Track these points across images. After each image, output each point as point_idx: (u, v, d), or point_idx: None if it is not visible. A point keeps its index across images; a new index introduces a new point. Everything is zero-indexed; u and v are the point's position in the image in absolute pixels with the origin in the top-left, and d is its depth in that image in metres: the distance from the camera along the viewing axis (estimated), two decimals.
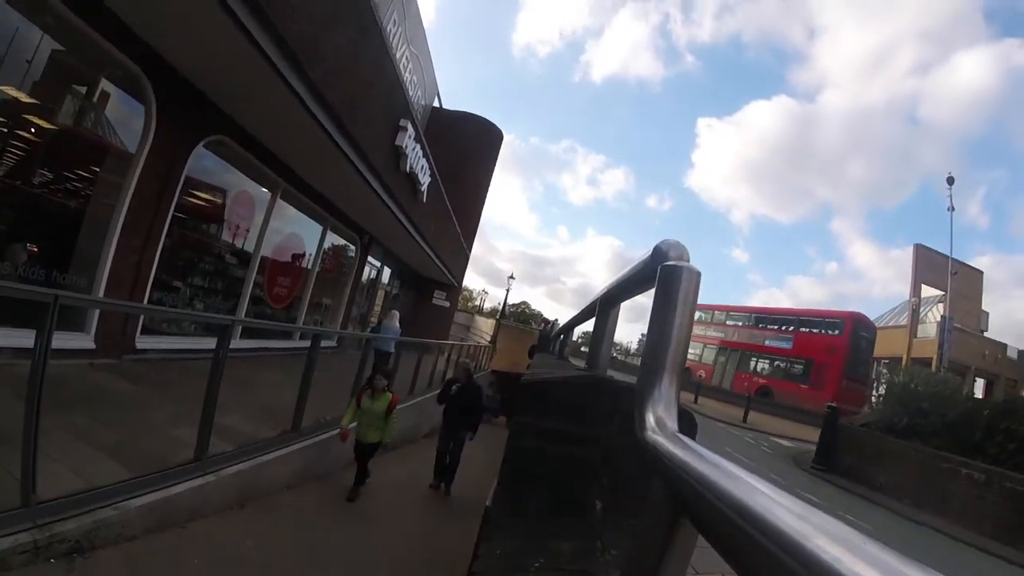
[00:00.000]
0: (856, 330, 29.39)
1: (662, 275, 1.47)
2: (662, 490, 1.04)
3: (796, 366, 31.19)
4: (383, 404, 6.59)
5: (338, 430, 6.58)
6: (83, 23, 5.31)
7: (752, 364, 33.44)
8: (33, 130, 5.62)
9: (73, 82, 5.93)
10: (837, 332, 29.79)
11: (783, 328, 32.45)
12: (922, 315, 31.60)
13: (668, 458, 1.01)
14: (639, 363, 2.19)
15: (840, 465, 15.03)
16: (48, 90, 5.62)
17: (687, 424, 2.05)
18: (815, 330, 31.00)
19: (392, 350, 10.16)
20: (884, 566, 0.45)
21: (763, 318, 33.87)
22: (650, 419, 1.23)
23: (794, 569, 0.52)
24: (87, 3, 5.19)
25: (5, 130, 5.34)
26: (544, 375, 2.97)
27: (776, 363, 32.53)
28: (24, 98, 5.35)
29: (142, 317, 7.35)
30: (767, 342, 32.82)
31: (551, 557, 2.10)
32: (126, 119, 6.40)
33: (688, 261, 1.78)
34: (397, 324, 11.56)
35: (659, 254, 1.94)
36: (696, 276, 1.42)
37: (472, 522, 2.88)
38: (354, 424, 6.62)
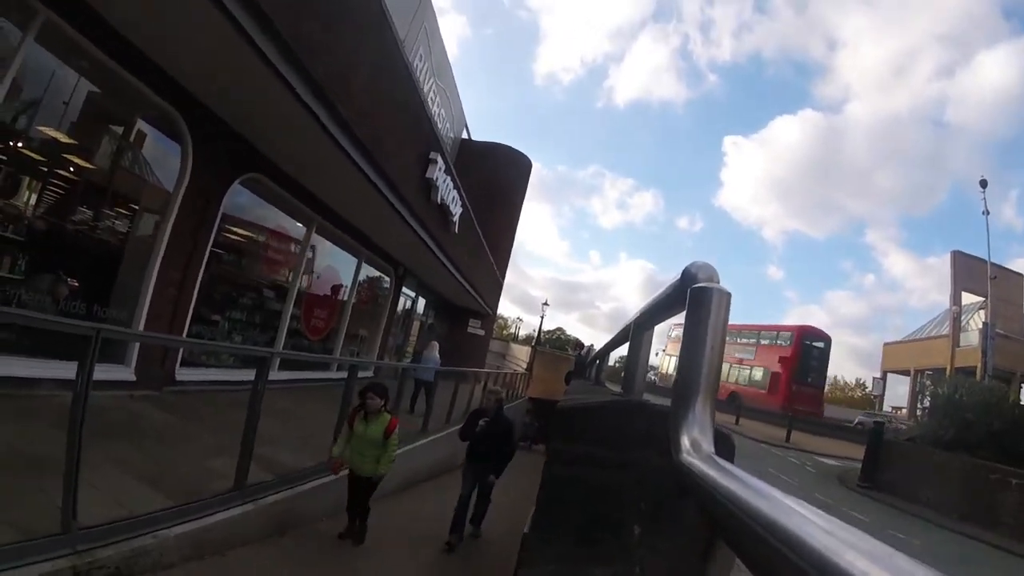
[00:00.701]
0: (804, 340, 33.95)
1: (692, 297, 1.47)
2: (698, 512, 1.06)
3: (756, 374, 35.82)
4: (379, 428, 5.39)
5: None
6: (118, 66, 5.53)
7: (726, 373, 35.51)
8: (72, 169, 5.84)
9: (110, 123, 6.17)
10: (787, 343, 34.31)
11: (749, 341, 36.80)
12: (964, 323, 30.69)
13: (703, 480, 1.01)
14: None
15: (886, 481, 14.58)
16: (86, 130, 5.85)
17: (724, 446, 2.02)
18: (771, 342, 35.70)
19: (432, 379, 10.38)
20: None
21: (735, 333, 36.76)
22: (685, 442, 1.24)
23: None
24: (120, 48, 5.40)
25: (45, 169, 5.56)
26: (580, 401, 2.95)
27: (742, 372, 37.00)
28: (63, 138, 5.57)
29: (181, 350, 7.51)
30: (736, 354, 36.51)
31: None
32: (163, 158, 6.63)
33: (718, 282, 1.77)
34: (437, 354, 11.95)
35: (688, 276, 1.93)
36: (727, 297, 1.41)
37: None
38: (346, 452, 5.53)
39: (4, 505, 3.19)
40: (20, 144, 5.27)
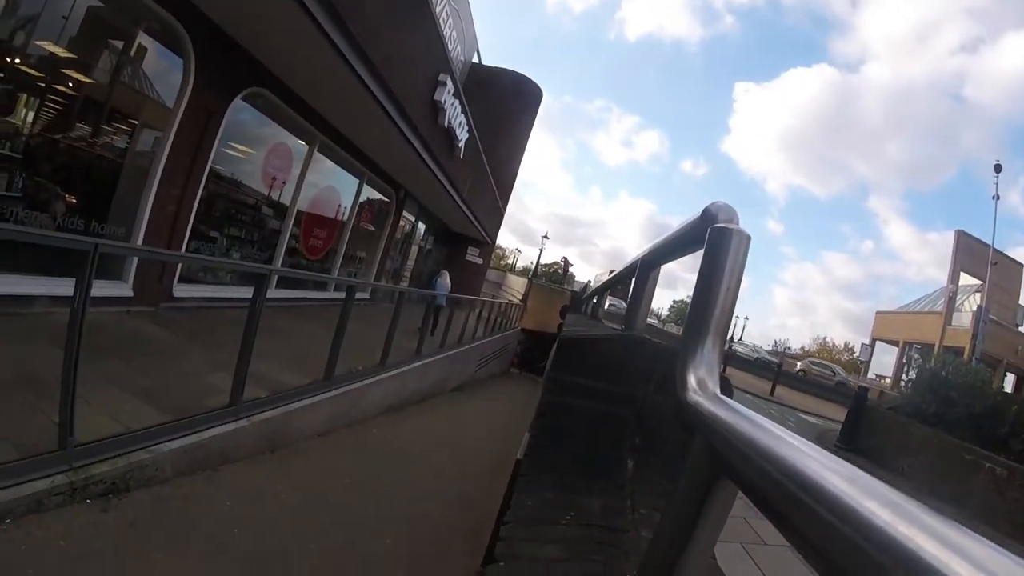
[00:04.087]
0: None
1: (712, 237, 1.46)
2: (703, 450, 1.05)
3: None
4: None
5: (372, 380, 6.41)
6: None
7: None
8: (70, 84, 5.71)
9: (110, 37, 5.98)
10: None
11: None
12: (958, 303, 30.92)
13: (710, 418, 1.03)
14: (667, 329, 2.18)
15: (864, 446, 14.90)
16: (85, 45, 5.68)
17: (725, 388, 2.06)
18: None
19: (444, 304, 11.41)
20: (921, 523, 0.46)
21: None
22: (692, 380, 1.24)
23: (833, 523, 0.54)
24: None
25: (43, 85, 5.44)
26: (583, 332, 2.99)
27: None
28: (61, 53, 5.43)
29: (179, 266, 7.55)
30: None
31: (581, 512, 2.14)
32: (164, 73, 6.47)
33: (738, 224, 1.77)
34: (448, 281, 13.11)
35: (709, 216, 1.93)
36: (746, 240, 1.42)
37: None
38: None
39: (2, 424, 3.29)
40: (18, 60, 5.13)
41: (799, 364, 37.51)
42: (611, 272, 8.33)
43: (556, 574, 1.79)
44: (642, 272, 3.32)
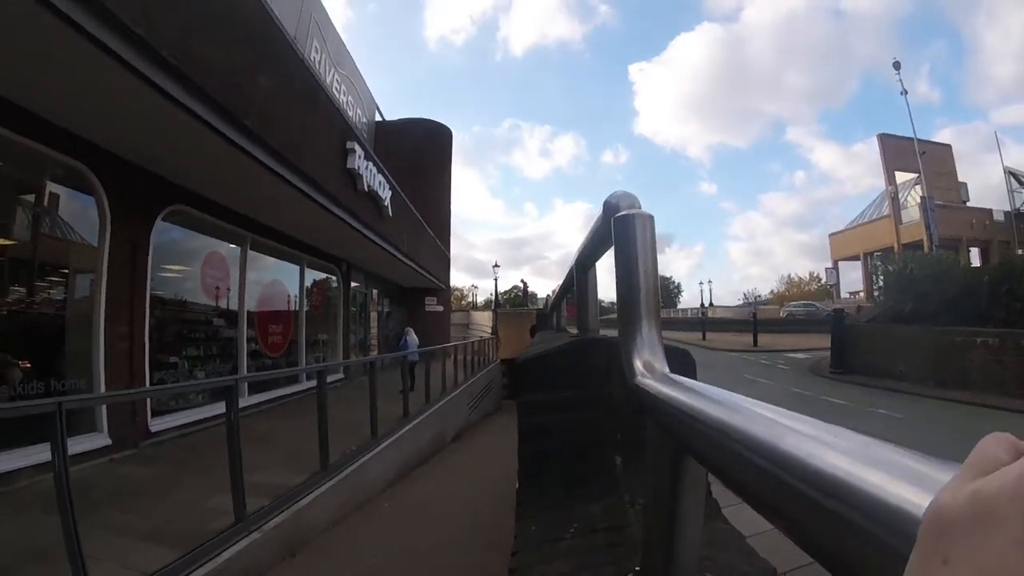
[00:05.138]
0: None
1: (616, 227, 1.50)
2: (660, 431, 1.06)
3: None
4: None
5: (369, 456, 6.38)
6: (11, 133, 5.30)
7: None
8: None
9: (19, 192, 5.95)
10: None
11: None
12: (903, 200, 31.92)
13: (660, 399, 1.03)
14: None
15: (857, 364, 15.23)
16: None
17: (681, 362, 2.11)
18: None
19: (419, 359, 11.85)
20: (856, 453, 0.45)
21: None
22: (637, 365, 1.27)
23: (771, 471, 0.55)
24: (8, 113, 5.17)
25: None
26: (537, 350, 3.05)
27: None
28: None
29: (148, 401, 7.36)
30: None
31: (583, 521, 2.17)
32: (80, 213, 6.43)
33: (639, 207, 1.84)
34: (415, 337, 13.57)
35: (610, 208, 2.01)
36: (649, 220, 1.45)
37: None
38: None
39: None
40: None
41: (781, 312, 38.15)
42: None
43: None
44: (580, 276, 3.42)
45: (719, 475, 0.75)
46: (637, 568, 1.60)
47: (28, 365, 5.73)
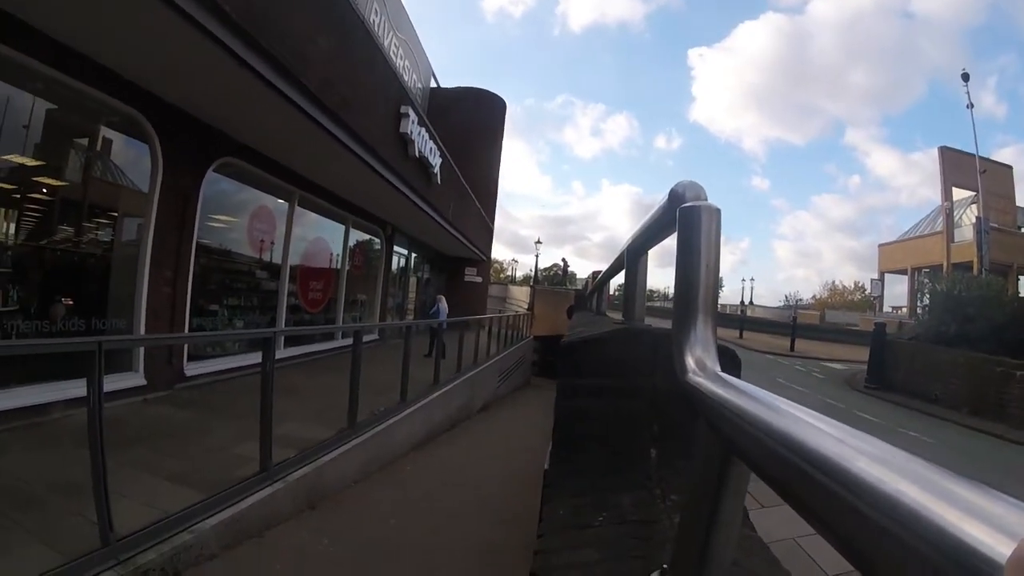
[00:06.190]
0: None
1: (681, 217, 1.44)
2: (708, 430, 1.05)
3: None
4: None
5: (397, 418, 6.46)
6: (71, 79, 5.42)
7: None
8: (45, 190, 5.81)
9: (74, 136, 6.09)
10: None
11: None
12: (957, 219, 30.65)
13: (711, 398, 1.01)
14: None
15: (893, 381, 14.80)
16: (51, 150, 5.79)
17: (729, 362, 2.06)
18: None
19: (445, 327, 11.72)
20: (925, 481, 0.43)
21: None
22: (689, 362, 1.23)
23: (837, 492, 0.52)
24: (70, 60, 5.29)
25: (18, 196, 5.52)
26: (583, 334, 3.01)
27: None
28: (30, 162, 5.53)
29: (186, 345, 7.60)
30: None
31: (613, 510, 2.14)
32: (134, 160, 6.57)
33: (705, 199, 1.77)
34: (445, 305, 13.78)
35: (676, 197, 1.95)
36: (716, 214, 1.39)
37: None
38: None
39: (44, 533, 3.31)
40: None
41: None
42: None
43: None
44: (630, 262, 3.34)
45: (764, 477, 0.74)
46: (665, 565, 1.57)
47: (71, 302, 5.93)
